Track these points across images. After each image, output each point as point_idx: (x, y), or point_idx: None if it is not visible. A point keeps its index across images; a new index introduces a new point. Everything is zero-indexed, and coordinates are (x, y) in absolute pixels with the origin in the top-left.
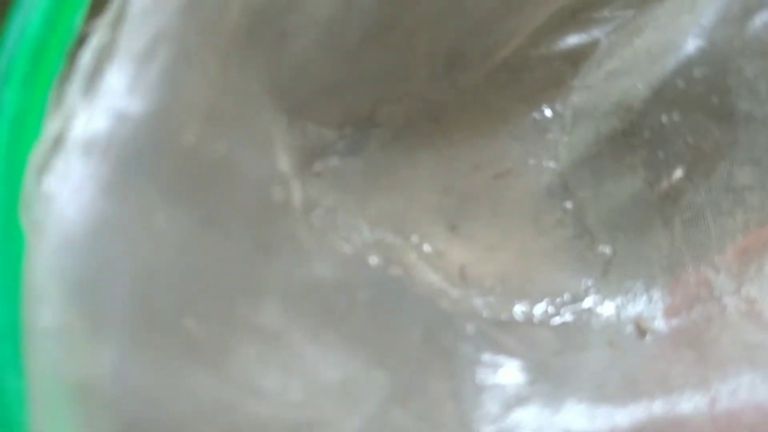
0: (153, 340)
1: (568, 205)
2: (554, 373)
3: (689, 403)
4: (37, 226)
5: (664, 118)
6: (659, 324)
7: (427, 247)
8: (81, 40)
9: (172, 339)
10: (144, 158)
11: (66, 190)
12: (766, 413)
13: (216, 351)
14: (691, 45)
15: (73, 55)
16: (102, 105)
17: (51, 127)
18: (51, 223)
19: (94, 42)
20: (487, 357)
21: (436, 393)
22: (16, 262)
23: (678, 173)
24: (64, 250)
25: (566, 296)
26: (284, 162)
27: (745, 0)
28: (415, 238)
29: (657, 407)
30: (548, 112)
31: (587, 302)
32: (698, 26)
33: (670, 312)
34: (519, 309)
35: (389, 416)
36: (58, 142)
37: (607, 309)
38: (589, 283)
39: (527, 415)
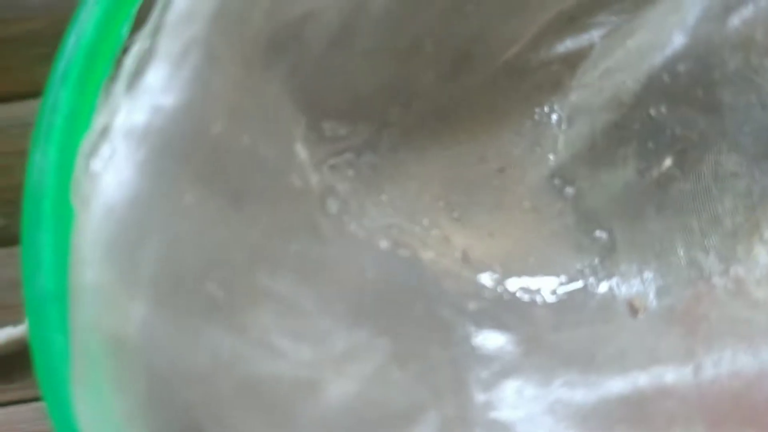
0: (178, 300)
1: (566, 194)
2: (548, 346)
3: (675, 374)
4: (84, 201)
5: (652, 111)
6: (651, 303)
7: (433, 233)
8: (126, 48)
9: (196, 300)
10: (175, 145)
11: (109, 170)
12: (747, 380)
13: (235, 312)
14: (677, 42)
15: (119, 61)
16: (141, 100)
17: (99, 120)
18: (96, 198)
19: (136, 48)
20: (485, 331)
21: (435, 359)
22: (67, 235)
23: (667, 162)
24: (105, 220)
25: (563, 277)
26: (303, 154)
27: None
28: (422, 225)
29: (644, 378)
30: (547, 109)
31: (583, 283)
32: (683, 25)
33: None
34: (518, 288)
35: (388, 375)
36: (104, 131)
37: (602, 289)
38: (586, 265)
39: (520, 383)
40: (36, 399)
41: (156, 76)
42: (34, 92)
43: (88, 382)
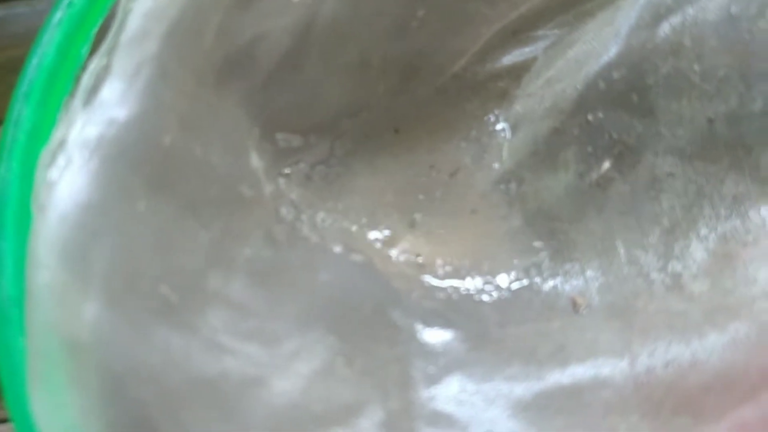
0: (131, 301)
1: (512, 198)
2: (493, 342)
3: (612, 366)
4: (41, 208)
5: (590, 117)
6: (593, 299)
7: (385, 238)
8: (85, 67)
9: (148, 301)
10: (128, 155)
11: (64, 179)
12: (681, 369)
13: (186, 314)
14: (611, 51)
15: (79, 79)
16: (96, 114)
17: (57, 133)
18: (51, 205)
19: (93, 65)
20: (433, 329)
21: (382, 356)
22: (27, 242)
23: (606, 165)
24: (59, 225)
25: (510, 277)
26: (257, 164)
27: (655, 8)
28: (375, 231)
29: (582, 370)
30: (493, 119)
31: (528, 282)
32: (617, 35)
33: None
34: (466, 288)
35: (335, 372)
36: (61, 143)
37: (546, 287)
38: (531, 265)
39: (465, 377)
40: (6, 420)
41: (111, 91)
42: None
43: (44, 381)
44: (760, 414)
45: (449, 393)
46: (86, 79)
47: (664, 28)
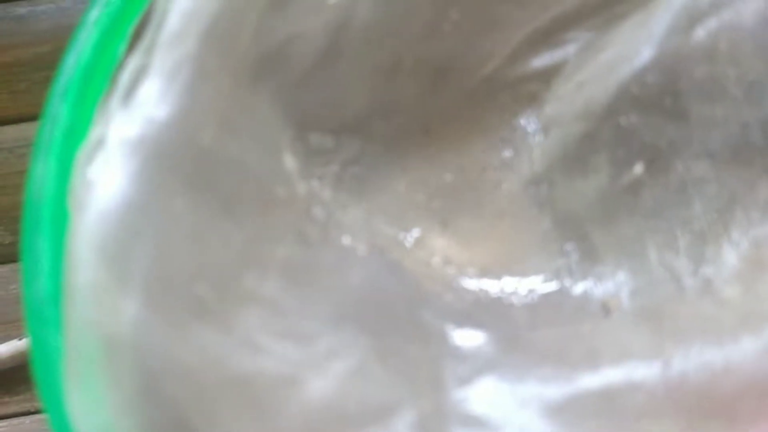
0: (169, 300)
1: (543, 201)
2: (524, 344)
3: (645, 369)
4: (80, 207)
5: (622, 121)
6: (624, 303)
7: (416, 239)
8: (121, 66)
9: (186, 300)
10: (166, 155)
11: (104, 178)
12: (714, 374)
13: (223, 313)
14: (645, 54)
15: (115, 78)
16: (135, 113)
17: (95, 131)
18: (91, 204)
19: (131, 65)
20: (464, 330)
21: (414, 356)
22: (63, 240)
23: (638, 169)
24: (99, 224)
25: (540, 279)
26: (290, 164)
27: (690, 12)
28: (405, 232)
29: (615, 373)
30: (524, 121)
31: (559, 285)
32: (651, 38)
33: None
34: (496, 290)
35: (369, 372)
36: (100, 142)
37: (577, 290)
38: (561, 268)
39: (496, 379)
40: (39, 411)
41: (149, 90)
42: (40, 114)
43: (80, 379)
44: None
45: (481, 394)
46: (124, 78)
47: (699, 33)
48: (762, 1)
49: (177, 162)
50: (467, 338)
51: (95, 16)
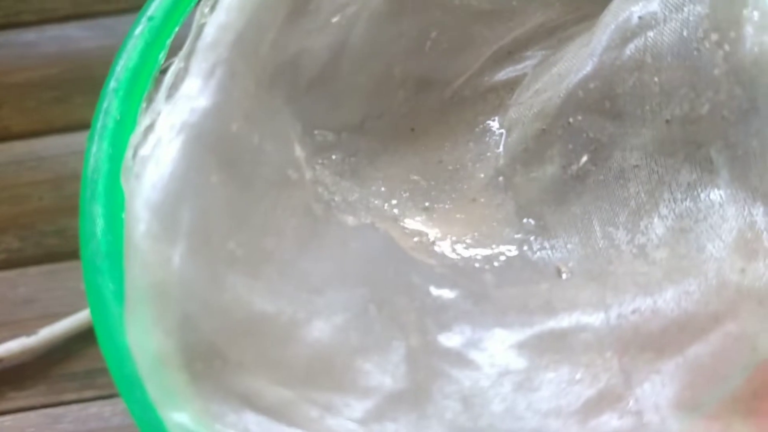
0: (207, 252)
1: (507, 188)
2: (492, 300)
3: (590, 315)
4: (136, 177)
5: (571, 120)
6: (574, 267)
7: (403, 216)
8: (163, 69)
9: (220, 252)
10: (204, 137)
11: (155, 154)
12: (644, 315)
13: (249, 265)
14: (588, 67)
15: (157, 79)
16: (179, 104)
17: (144, 121)
18: (145, 174)
19: (173, 67)
20: (444, 289)
21: (404, 306)
22: (115, 209)
23: (584, 159)
24: (152, 189)
25: (505, 249)
26: (299, 153)
27: (623, 33)
28: (395, 210)
29: (566, 318)
30: (491, 122)
31: (520, 253)
32: (592, 54)
33: None
34: (469, 257)
35: (368, 314)
36: (150, 127)
37: (535, 257)
38: (523, 241)
39: (469, 325)
40: (44, 406)
41: (190, 87)
42: (48, 130)
43: (137, 313)
44: (710, 350)
45: (458, 335)
46: (167, 79)
47: (630, 48)
48: (678, 22)
49: (212, 144)
50: (446, 294)
51: (140, 29)
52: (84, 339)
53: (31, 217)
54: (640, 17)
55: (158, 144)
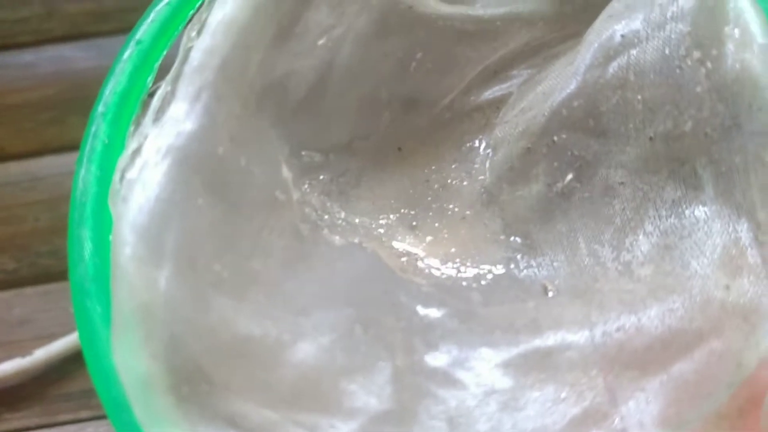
0: (193, 275)
1: (493, 206)
2: (478, 318)
3: (575, 333)
4: (123, 199)
5: (556, 138)
6: (560, 284)
7: (391, 236)
8: (152, 93)
9: (206, 276)
10: (191, 160)
11: (141, 177)
12: (629, 333)
13: (235, 287)
14: (572, 85)
15: (145, 102)
16: (165, 128)
17: (131, 144)
18: (131, 197)
19: (160, 91)
20: (430, 308)
21: (390, 326)
22: (103, 232)
23: (569, 177)
24: (139, 212)
25: (491, 268)
26: (287, 175)
27: (606, 51)
28: (382, 230)
29: (551, 336)
30: (477, 142)
31: (507, 271)
32: (576, 72)
33: None
34: (456, 276)
35: (354, 335)
36: (137, 150)
37: (522, 275)
38: (509, 259)
39: (456, 344)
40: (40, 427)
41: (176, 110)
42: (44, 150)
43: (123, 336)
44: (694, 367)
45: (444, 355)
46: (155, 102)
47: (613, 66)
48: (660, 40)
49: (198, 167)
50: (433, 314)
51: (129, 53)
52: (79, 359)
53: (27, 238)
54: (622, 35)
55: (145, 167)
